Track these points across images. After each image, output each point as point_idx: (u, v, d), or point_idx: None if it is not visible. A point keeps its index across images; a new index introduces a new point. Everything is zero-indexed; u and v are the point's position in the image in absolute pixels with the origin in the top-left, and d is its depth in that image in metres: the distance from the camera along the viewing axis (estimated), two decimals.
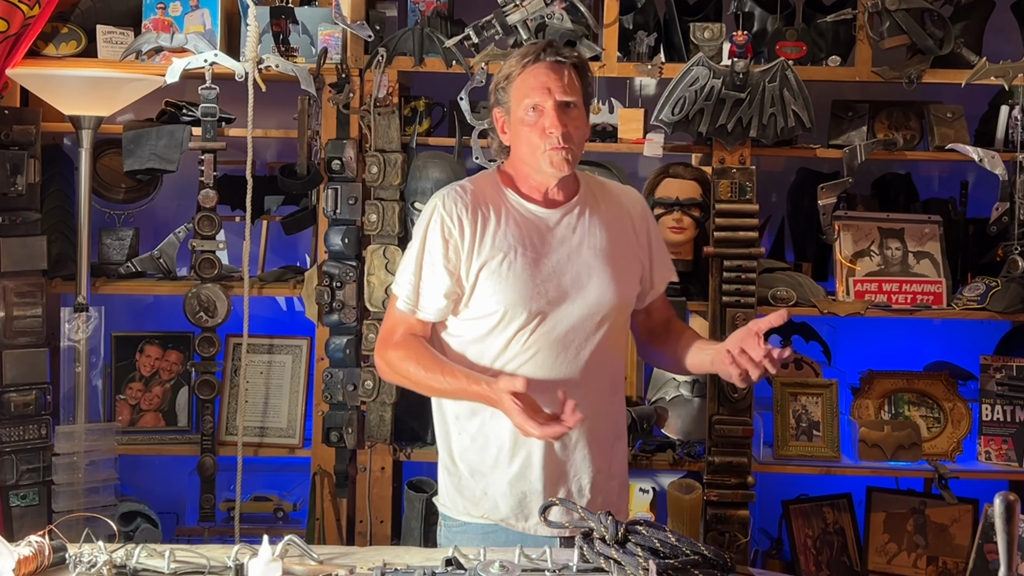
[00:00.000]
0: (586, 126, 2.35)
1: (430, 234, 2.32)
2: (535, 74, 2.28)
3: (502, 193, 2.36)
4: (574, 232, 2.35)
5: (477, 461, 2.33)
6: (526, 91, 2.28)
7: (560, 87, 2.27)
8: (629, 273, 2.38)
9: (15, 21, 3.05)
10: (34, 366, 3.25)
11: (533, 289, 2.28)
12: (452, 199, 2.33)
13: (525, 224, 2.33)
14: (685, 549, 1.82)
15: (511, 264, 2.28)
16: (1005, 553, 1.56)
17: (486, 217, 2.32)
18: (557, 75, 2.27)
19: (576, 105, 2.29)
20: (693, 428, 3.52)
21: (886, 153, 3.46)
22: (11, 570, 1.76)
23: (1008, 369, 3.48)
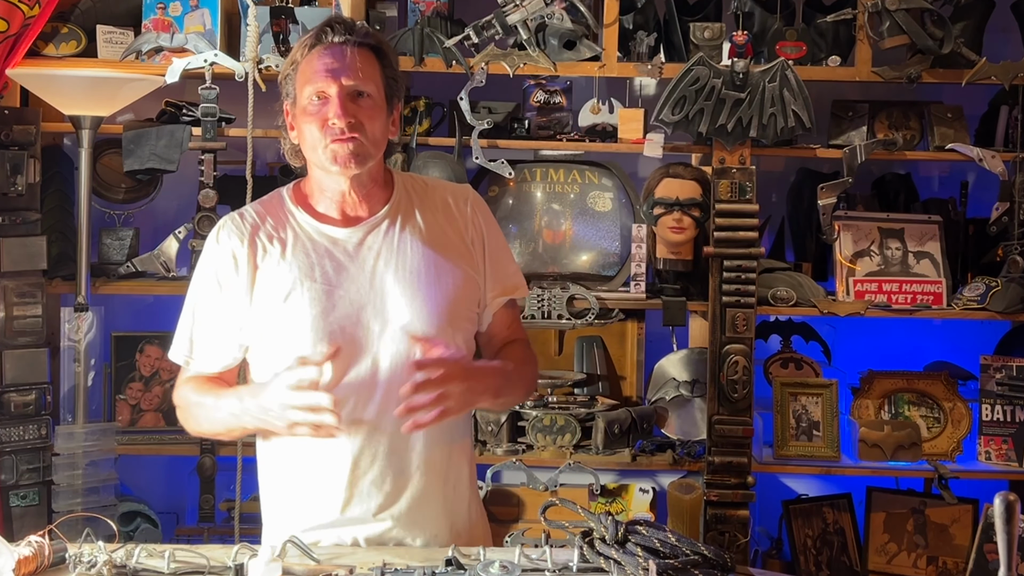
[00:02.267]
0: (383, 120, 2.01)
1: (201, 276, 2.07)
2: (319, 56, 1.98)
3: (290, 215, 2.05)
4: (379, 254, 2.02)
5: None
6: (309, 75, 1.98)
7: (348, 71, 1.96)
8: (454, 294, 2.03)
9: (15, 21, 3.05)
10: (34, 366, 3.25)
11: (324, 329, 1.96)
12: (227, 231, 2.05)
13: (316, 250, 2.01)
14: (685, 549, 1.81)
15: (296, 302, 1.97)
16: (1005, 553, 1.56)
17: (266, 248, 2.02)
18: (345, 58, 1.97)
19: (369, 95, 1.98)
20: (693, 428, 3.53)
21: (886, 153, 3.46)
22: (11, 570, 1.76)
23: (1008, 369, 3.48)
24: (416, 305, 2.00)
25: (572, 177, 3.58)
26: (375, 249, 2.03)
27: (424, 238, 2.05)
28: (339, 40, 1.99)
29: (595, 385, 3.63)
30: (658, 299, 3.42)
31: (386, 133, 2.03)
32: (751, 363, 3.34)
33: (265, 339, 2.03)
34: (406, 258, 2.03)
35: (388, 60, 2.04)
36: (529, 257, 3.52)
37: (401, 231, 2.05)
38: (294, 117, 2.04)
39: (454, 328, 2.04)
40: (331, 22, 2.02)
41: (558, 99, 3.48)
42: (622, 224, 3.55)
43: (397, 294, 2.00)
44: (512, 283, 2.14)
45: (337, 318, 1.98)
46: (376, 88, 1.99)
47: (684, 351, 3.62)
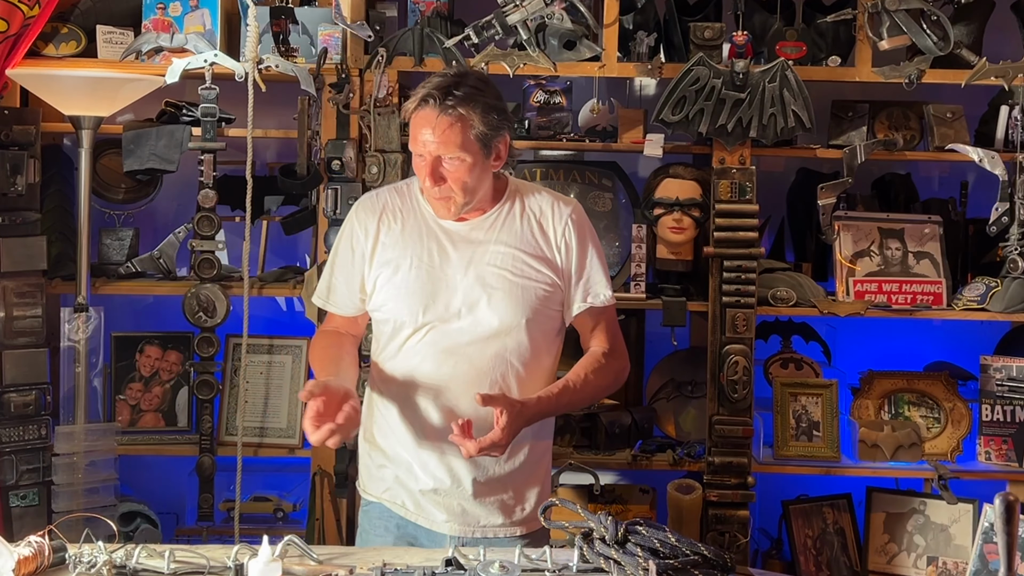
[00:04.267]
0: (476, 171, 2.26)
1: (342, 239, 2.42)
2: (416, 122, 2.24)
3: (416, 201, 2.39)
4: (478, 247, 2.33)
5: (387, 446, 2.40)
6: (413, 133, 2.26)
7: (434, 141, 2.22)
8: (532, 292, 2.32)
9: (15, 21, 3.05)
10: (34, 366, 3.25)
11: (420, 302, 2.30)
12: (364, 207, 2.41)
13: (429, 234, 2.34)
14: (685, 549, 1.82)
15: (404, 275, 2.32)
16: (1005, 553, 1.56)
17: (391, 226, 2.36)
18: (434, 127, 2.21)
19: (455, 157, 2.23)
20: (693, 428, 3.53)
21: (886, 153, 3.46)
22: (11, 570, 1.76)
23: (1008, 369, 3.48)
24: (497, 297, 2.29)
25: (572, 177, 3.58)
26: (474, 244, 2.32)
27: (515, 241, 2.33)
28: (430, 111, 2.21)
29: None
30: (658, 299, 3.42)
31: (482, 178, 2.28)
32: (751, 363, 3.34)
33: (379, 298, 2.35)
34: (499, 255, 2.31)
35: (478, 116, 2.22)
36: None
37: (503, 230, 2.33)
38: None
39: (530, 320, 2.31)
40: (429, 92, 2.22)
41: (558, 99, 3.48)
42: (622, 224, 3.55)
43: (483, 284, 2.29)
44: (594, 291, 2.37)
45: (432, 293, 2.29)
46: (464, 149, 2.22)
47: (684, 351, 3.62)
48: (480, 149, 2.24)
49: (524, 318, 2.31)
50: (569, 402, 2.33)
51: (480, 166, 2.26)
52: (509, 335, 2.30)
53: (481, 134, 2.24)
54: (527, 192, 2.41)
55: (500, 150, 2.30)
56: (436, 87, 2.22)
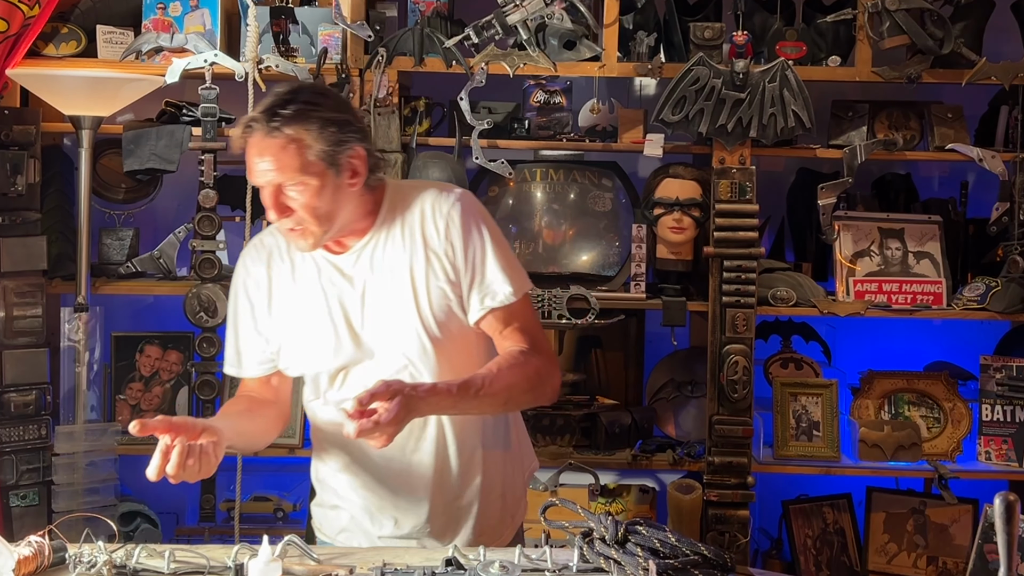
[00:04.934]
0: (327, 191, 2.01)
1: (238, 297, 2.23)
2: (248, 151, 2.02)
3: None
4: (367, 276, 2.13)
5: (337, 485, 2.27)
6: (248, 165, 2.03)
7: (270, 169, 1.99)
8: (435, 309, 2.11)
9: (15, 21, 3.05)
10: (34, 366, 3.25)
11: (328, 348, 2.13)
12: (250, 257, 2.22)
13: (320, 273, 2.15)
14: (685, 549, 1.81)
15: (305, 322, 2.14)
16: (1005, 553, 1.56)
17: (281, 271, 2.18)
18: (267, 153, 1.99)
19: (297, 183, 1.99)
20: (693, 428, 3.53)
21: (886, 153, 3.46)
22: (11, 570, 1.76)
23: (1008, 369, 3.48)
24: (400, 324, 2.10)
25: (572, 177, 3.58)
26: (363, 272, 2.13)
27: (404, 259, 2.11)
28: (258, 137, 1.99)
29: (595, 385, 3.63)
30: (658, 299, 3.42)
31: (337, 199, 2.04)
32: (751, 363, 3.34)
33: (286, 352, 2.19)
34: (389, 281, 2.11)
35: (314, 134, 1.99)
36: (529, 257, 3.52)
37: (385, 253, 2.12)
38: None
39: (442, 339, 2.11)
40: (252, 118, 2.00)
41: (558, 99, 3.48)
42: (622, 224, 3.55)
43: (385, 314, 2.11)
44: (491, 291, 2.12)
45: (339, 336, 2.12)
46: (304, 172, 1.99)
47: (684, 351, 3.62)
48: (326, 169, 2.00)
49: (436, 339, 2.10)
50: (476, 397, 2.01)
51: (331, 187, 2.02)
52: (428, 359, 2.10)
53: (323, 153, 1.99)
54: (406, 197, 2.16)
55: (355, 165, 2.05)
56: (261, 109, 2.00)
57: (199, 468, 1.92)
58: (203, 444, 1.94)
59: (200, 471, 1.93)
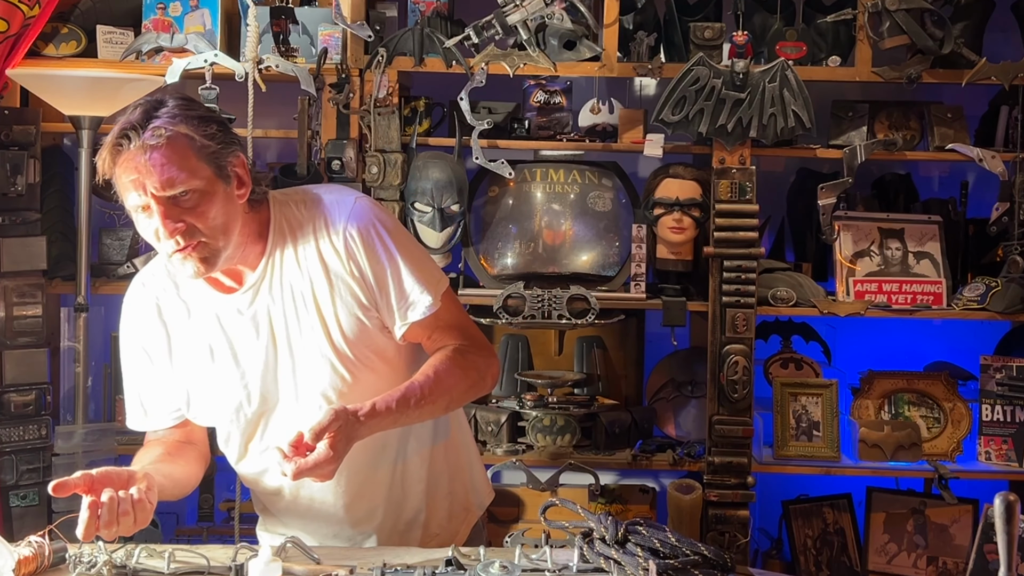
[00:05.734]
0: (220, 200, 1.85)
1: (131, 349, 2.06)
2: (125, 169, 1.80)
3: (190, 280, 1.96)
4: (269, 311, 1.96)
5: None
6: (124, 190, 1.83)
7: (154, 179, 1.79)
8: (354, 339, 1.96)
9: (15, 21, 3.05)
10: (34, 366, 3.25)
11: (242, 394, 1.99)
12: (138, 302, 2.04)
13: (221, 318, 1.98)
14: (685, 549, 1.81)
15: (208, 374, 1.99)
16: (1005, 553, 1.56)
17: (174, 316, 2.01)
18: (151, 161, 1.78)
19: (191, 190, 1.81)
20: (693, 428, 3.52)
21: (886, 153, 3.46)
22: (11, 570, 1.76)
23: (1008, 369, 3.48)
24: (314, 361, 1.97)
25: (572, 177, 3.57)
26: (264, 309, 1.97)
27: (306, 286, 1.95)
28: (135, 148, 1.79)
29: (595, 385, 3.63)
30: (658, 299, 3.42)
31: (229, 211, 1.87)
32: (751, 363, 3.34)
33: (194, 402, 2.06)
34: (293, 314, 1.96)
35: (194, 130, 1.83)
36: (529, 257, 3.52)
37: (282, 284, 1.96)
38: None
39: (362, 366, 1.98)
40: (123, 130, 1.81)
41: (558, 99, 3.48)
42: (622, 224, 3.55)
43: (298, 353, 1.97)
44: (410, 303, 1.98)
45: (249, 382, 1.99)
46: (192, 174, 1.82)
47: (684, 351, 3.62)
48: (213, 172, 1.84)
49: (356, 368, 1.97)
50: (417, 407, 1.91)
51: (222, 196, 1.85)
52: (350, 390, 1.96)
53: (207, 151, 1.83)
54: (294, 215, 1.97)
55: (240, 174, 1.89)
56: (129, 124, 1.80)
57: (134, 519, 1.78)
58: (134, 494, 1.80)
59: (136, 522, 1.78)
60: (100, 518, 1.77)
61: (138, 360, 2.06)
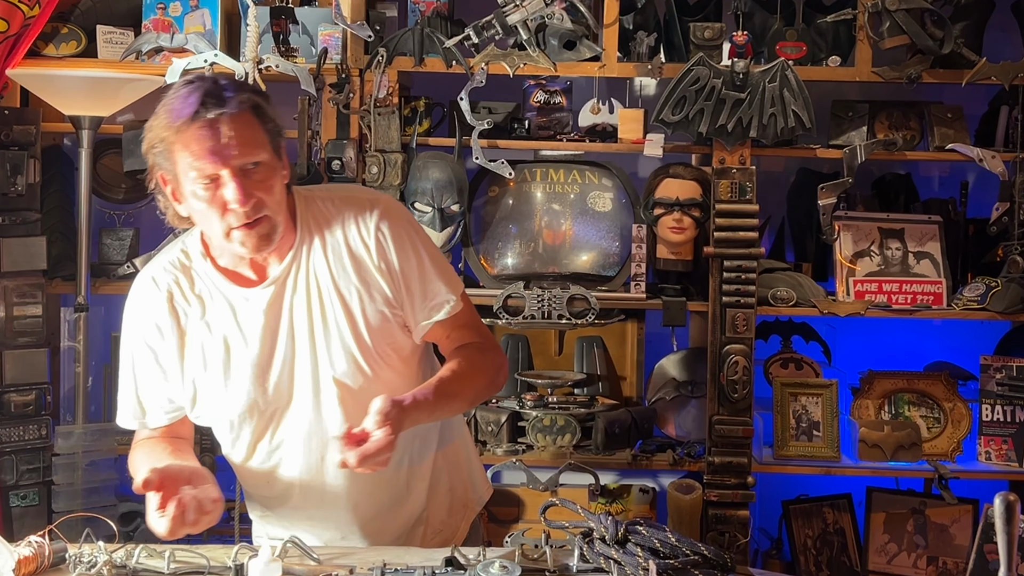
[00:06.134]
0: (280, 179, 1.88)
1: (134, 345, 2.00)
2: (199, 137, 1.77)
3: (204, 273, 1.97)
4: (292, 307, 1.95)
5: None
6: (190, 157, 1.79)
7: (232, 148, 1.78)
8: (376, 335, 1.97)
9: (15, 21, 3.05)
10: (34, 366, 3.25)
11: (257, 391, 1.96)
12: (147, 296, 1.98)
13: (234, 312, 1.96)
14: (685, 549, 1.81)
15: (222, 370, 1.96)
16: (1005, 553, 1.56)
17: (187, 312, 1.97)
18: (224, 134, 1.78)
19: (262, 162, 1.83)
20: (693, 428, 3.52)
21: (886, 153, 3.46)
22: (11, 570, 1.76)
23: (1008, 369, 3.48)
24: (337, 354, 1.96)
25: (572, 177, 3.57)
26: (287, 303, 1.96)
27: (335, 278, 1.96)
28: (215, 115, 1.78)
29: (595, 385, 3.63)
30: (658, 299, 3.42)
31: (282, 190, 1.90)
32: (751, 363, 3.34)
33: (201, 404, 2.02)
34: (317, 306, 1.95)
35: (265, 111, 1.86)
36: (529, 257, 3.52)
37: (307, 280, 1.95)
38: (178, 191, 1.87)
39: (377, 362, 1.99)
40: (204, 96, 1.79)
41: (558, 99, 3.48)
42: (622, 224, 3.55)
43: (320, 347, 1.96)
44: (436, 303, 2.01)
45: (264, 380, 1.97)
46: (264, 151, 1.84)
47: (684, 351, 3.62)
48: (272, 148, 1.86)
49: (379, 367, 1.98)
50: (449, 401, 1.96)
51: (279, 173, 1.88)
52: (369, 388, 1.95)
53: (270, 127, 1.86)
54: (321, 211, 1.98)
55: (285, 157, 1.91)
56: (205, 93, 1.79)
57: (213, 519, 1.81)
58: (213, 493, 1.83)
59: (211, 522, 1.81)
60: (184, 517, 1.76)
61: (142, 358, 2.01)
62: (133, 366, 2.03)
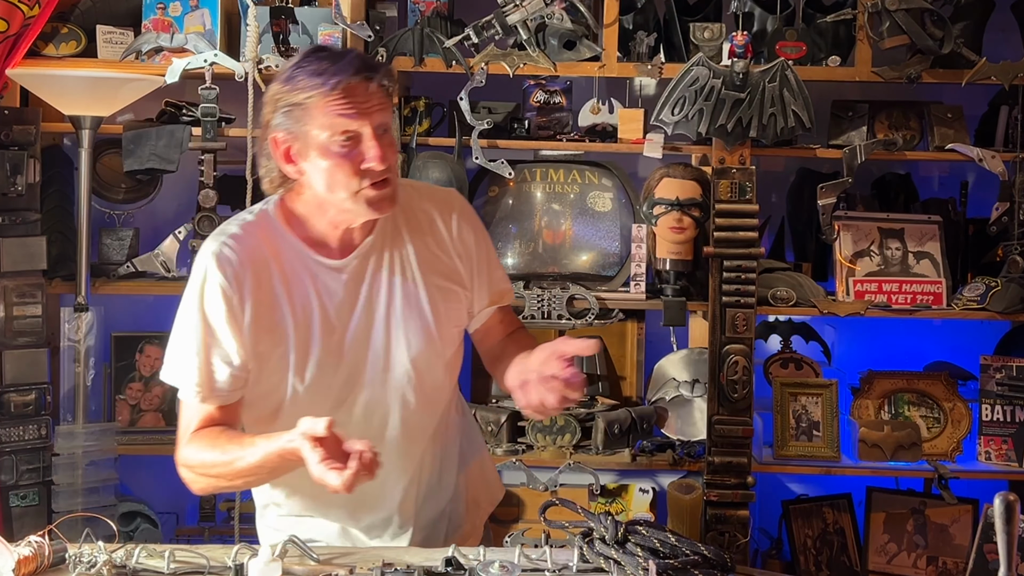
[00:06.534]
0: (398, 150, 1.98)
1: (209, 306, 1.92)
2: (353, 95, 1.85)
3: (286, 241, 1.97)
4: (371, 284, 1.98)
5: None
6: (333, 116, 1.85)
7: (374, 108, 1.87)
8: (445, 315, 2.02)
9: (15, 21, 3.05)
10: (34, 366, 3.25)
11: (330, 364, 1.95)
12: (225, 259, 1.92)
13: (317, 283, 1.95)
14: (685, 549, 1.81)
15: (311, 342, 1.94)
16: (1005, 553, 1.56)
17: (268, 278, 1.94)
18: (367, 96, 1.87)
19: (390, 130, 1.92)
20: (693, 428, 3.52)
21: (886, 153, 3.46)
22: (11, 570, 1.76)
23: (1008, 369, 3.48)
24: (411, 333, 1.99)
25: (572, 177, 3.58)
26: (369, 278, 1.98)
27: (414, 259, 2.01)
28: (361, 78, 1.87)
29: (595, 385, 3.63)
30: (658, 299, 3.42)
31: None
32: (751, 363, 3.34)
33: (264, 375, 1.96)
34: (398, 284, 1.99)
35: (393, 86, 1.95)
36: (529, 257, 3.52)
37: (392, 255, 2.00)
38: (299, 152, 1.90)
39: (445, 343, 2.04)
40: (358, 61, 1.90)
41: (558, 99, 3.48)
42: (622, 224, 3.55)
43: (394, 322, 1.99)
44: (499, 290, 2.13)
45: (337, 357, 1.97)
46: (391, 120, 1.95)
47: (684, 351, 3.62)
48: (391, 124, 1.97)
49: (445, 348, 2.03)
50: None
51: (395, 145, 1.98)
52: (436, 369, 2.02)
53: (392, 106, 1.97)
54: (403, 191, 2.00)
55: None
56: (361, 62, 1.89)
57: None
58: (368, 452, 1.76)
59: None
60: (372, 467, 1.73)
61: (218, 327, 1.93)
62: (203, 335, 1.93)
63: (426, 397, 2.03)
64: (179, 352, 1.96)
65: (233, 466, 1.88)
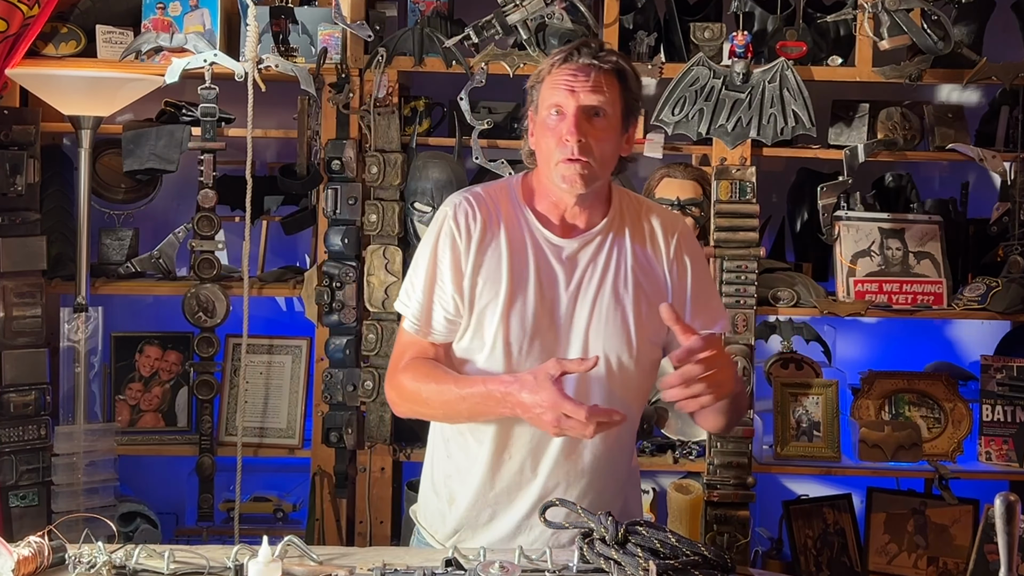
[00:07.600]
0: (616, 141, 2.05)
1: (441, 249, 2.08)
2: (563, 72, 2.02)
3: (520, 210, 2.11)
4: (587, 269, 2.08)
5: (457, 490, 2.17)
6: (552, 89, 2.03)
7: (586, 89, 2.00)
8: (648, 320, 2.08)
9: (15, 21, 3.05)
10: (34, 366, 3.25)
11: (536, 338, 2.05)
12: (464, 211, 2.08)
13: (538, 254, 2.07)
14: (685, 549, 1.81)
15: (518, 305, 2.04)
16: (1005, 553, 1.56)
17: (492, 240, 2.07)
18: (586, 77, 2.01)
19: (605, 115, 2.01)
20: (693, 428, 3.52)
21: (886, 153, 3.46)
22: (11, 570, 1.76)
23: (1008, 369, 3.48)
24: (611, 326, 2.06)
25: None
26: (584, 264, 2.08)
27: (629, 262, 2.09)
28: (585, 61, 2.02)
29: None
30: None
31: (617, 152, 2.07)
32: (751, 363, 3.34)
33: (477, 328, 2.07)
34: (609, 278, 2.08)
35: (629, 83, 2.06)
36: None
37: (610, 250, 2.09)
38: (535, 125, 2.08)
39: (641, 351, 2.09)
40: (581, 44, 2.05)
41: None
42: None
43: (597, 311, 2.06)
44: (712, 317, 2.14)
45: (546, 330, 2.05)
46: (613, 108, 2.03)
47: None
48: (621, 117, 2.05)
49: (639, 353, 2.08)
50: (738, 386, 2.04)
51: (617, 136, 2.05)
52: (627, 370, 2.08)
53: (628, 97, 2.05)
54: (633, 205, 2.16)
55: (631, 134, 2.09)
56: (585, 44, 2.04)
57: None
58: None
59: None
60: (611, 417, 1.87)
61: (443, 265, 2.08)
62: (430, 272, 2.09)
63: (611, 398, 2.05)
64: (409, 287, 2.13)
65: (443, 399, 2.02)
